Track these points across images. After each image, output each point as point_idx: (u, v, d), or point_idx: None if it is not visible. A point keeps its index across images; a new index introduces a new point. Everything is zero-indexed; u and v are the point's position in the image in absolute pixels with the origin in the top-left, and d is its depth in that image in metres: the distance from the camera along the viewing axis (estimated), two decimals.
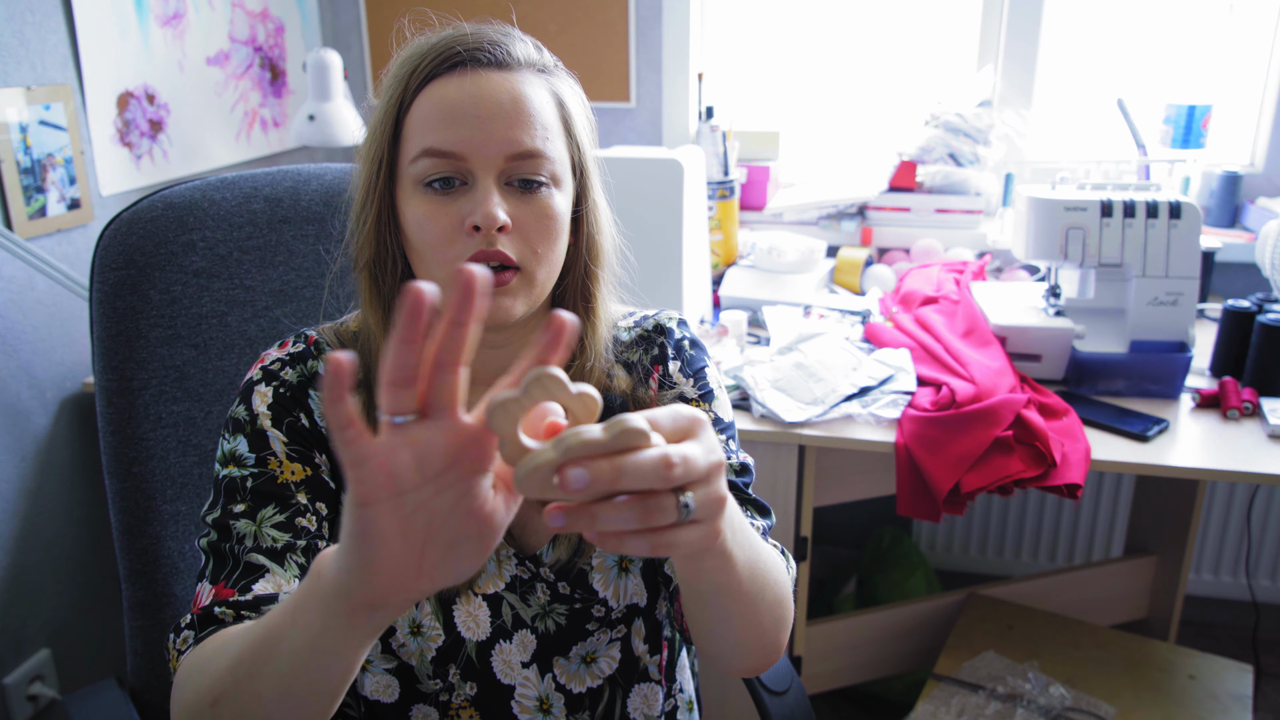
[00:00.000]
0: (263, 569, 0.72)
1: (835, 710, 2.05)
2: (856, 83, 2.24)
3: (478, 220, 0.72)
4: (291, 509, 0.76)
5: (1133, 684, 1.57)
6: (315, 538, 0.76)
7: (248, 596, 0.70)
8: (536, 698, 0.85)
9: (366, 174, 0.77)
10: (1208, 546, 2.20)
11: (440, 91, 0.74)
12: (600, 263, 0.83)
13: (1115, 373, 1.50)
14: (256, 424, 0.79)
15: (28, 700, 1.59)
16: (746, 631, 0.73)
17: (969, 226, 2.04)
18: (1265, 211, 1.92)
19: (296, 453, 0.78)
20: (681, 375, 0.88)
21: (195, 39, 1.88)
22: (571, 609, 0.85)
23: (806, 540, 1.56)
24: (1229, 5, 2.06)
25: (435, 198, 0.74)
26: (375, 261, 0.78)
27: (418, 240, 0.75)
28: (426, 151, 0.73)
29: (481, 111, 0.73)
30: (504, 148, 0.73)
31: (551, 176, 0.76)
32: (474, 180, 0.74)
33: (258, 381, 0.81)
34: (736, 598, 0.67)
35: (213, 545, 0.75)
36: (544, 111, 0.76)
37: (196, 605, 0.72)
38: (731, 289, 1.88)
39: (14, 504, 1.54)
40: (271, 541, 0.74)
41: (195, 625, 0.70)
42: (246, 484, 0.76)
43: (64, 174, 1.59)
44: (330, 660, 0.56)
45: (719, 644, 0.76)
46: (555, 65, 0.80)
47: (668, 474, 0.46)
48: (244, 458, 0.78)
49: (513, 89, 0.74)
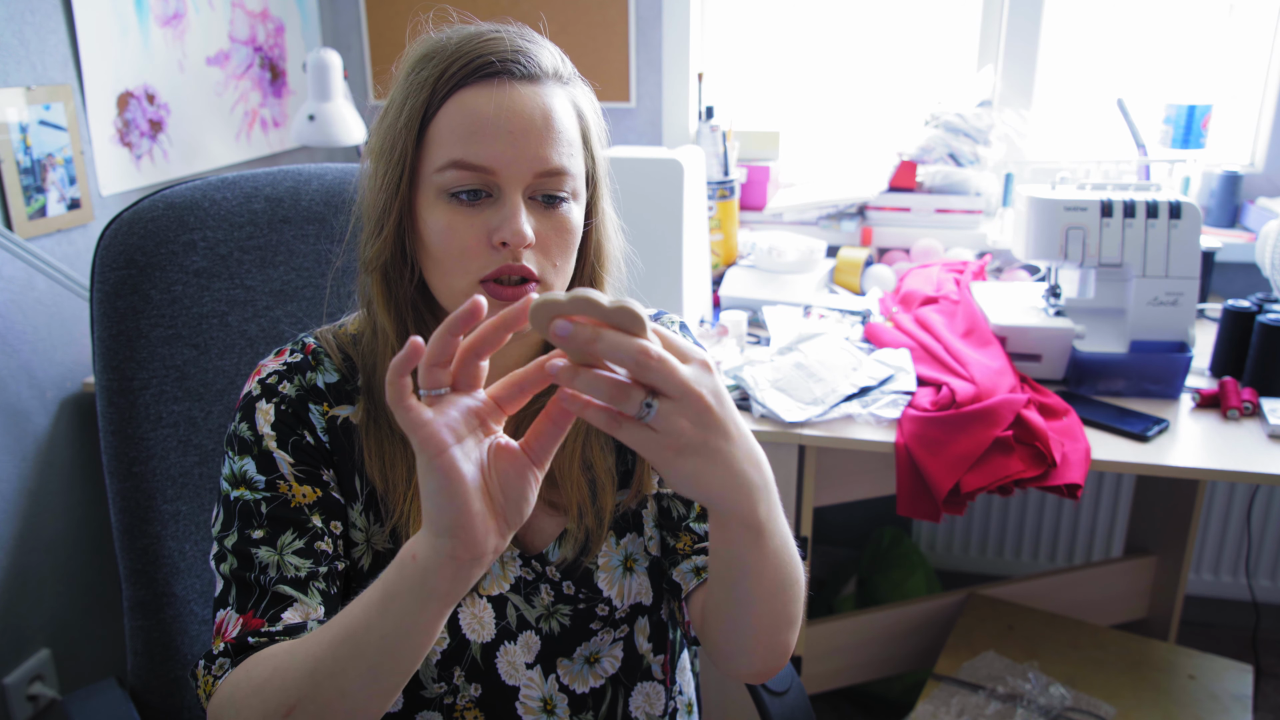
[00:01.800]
0: (290, 599, 0.74)
1: (835, 710, 2.05)
2: (856, 83, 2.24)
3: (506, 237, 0.72)
4: (309, 534, 0.77)
5: (1133, 684, 1.57)
6: (334, 560, 0.78)
7: (278, 626, 0.73)
8: (540, 698, 0.85)
9: (387, 176, 0.76)
10: (1208, 546, 2.20)
11: (472, 102, 0.73)
12: (606, 268, 0.84)
13: (1115, 373, 1.50)
14: (263, 445, 0.78)
15: (28, 700, 1.59)
16: (762, 622, 0.74)
17: (969, 226, 2.04)
18: (1265, 211, 1.92)
19: (304, 473, 0.79)
20: None
21: (195, 39, 1.88)
22: (576, 609, 0.85)
23: (806, 540, 1.56)
24: (1229, 5, 2.06)
25: (460, 208, 0.74)
26: (392, 265, 0.78)
27: (438, 249, 0.75)
28: (456, 163, 0.72)
29: (514, 127, 0.72)
30: (534, 165, 0.73)
31: (572, 192, 0.76)
32: (500, 194, 0.74)
33: (258, 397, 0.80)
34: (759, 581, 0.70)
35: (235, 574, 0.76)
36: (569, 128, 0.76)
37: (225, 634, 0.74)
38: (731, 289, 1.88)
39: (14, 504, 1.54)
40: (295, 571, 0.75)
41: (230, 654, 0.72)
42: (261, 508, 0.77)
43: (64, 174, 1.59)
44: (422, 638, 0.62)
45: (734, 638, 0.77)
46: (573, 73, 0.80)
47: (642, 360, 0.54)
48: (254, 480, 0.78)
49: (543, 104, 0.74)
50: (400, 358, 0.55)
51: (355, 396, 0.82)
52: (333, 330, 0.86)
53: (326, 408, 0.81)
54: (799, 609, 0.77)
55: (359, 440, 0.80)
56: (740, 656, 0.79)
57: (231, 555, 0.76)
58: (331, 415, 0.81)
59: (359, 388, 0.82)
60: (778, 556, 0.70)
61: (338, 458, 0.80)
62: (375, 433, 0.80)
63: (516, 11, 2.21)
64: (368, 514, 0.81)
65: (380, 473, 0.79)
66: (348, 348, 0.84)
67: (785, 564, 0.71)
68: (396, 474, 0.79)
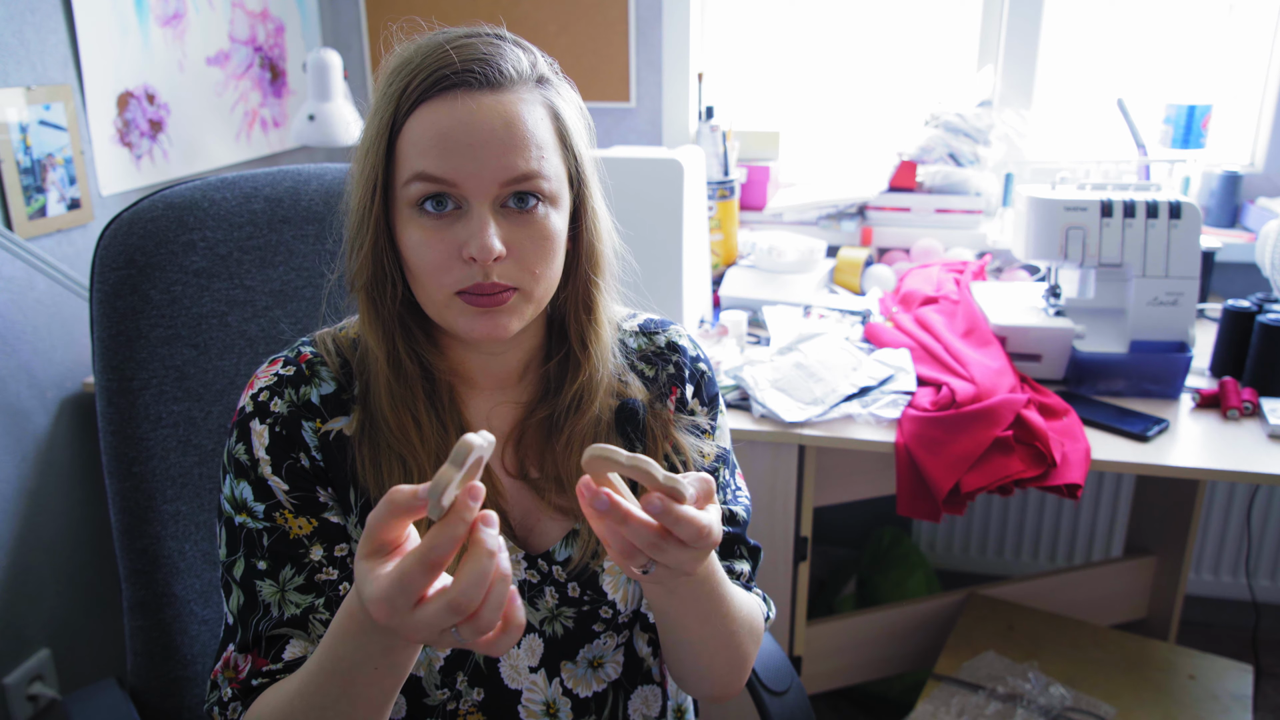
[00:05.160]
0: (289, 637, 0.77)
1: (835, 710, 2.05)
2: (856, 83, 2.24)
3: (474, 252, 0.72)
4: (308, 568, 0.78)
5: (1133, 684, 1.57)
6: (336, 585, 0.79)
7: (279, 665, 0.76)
8: (543, 702, 0.85)
9: (361, 195, 0.76)
10: (1208, 546, 2.20)
11: (431, 116, 0.72)
12: (601, 270, 0.83)
13: (1115, 373, 1.50)
14: (258, 470, 0.78)
15: (28, 700, 1.59)
16: (714, 661, 0.83)
17: (969, 226, 2.04)
18: (1265, 211, 1.92)
19: (301, 500, 0.78)
20: (698, 403, 0.91)
21: (195, 39, 1.88)
22: (580, 612, 0.85)
23: (806, 540, 1.56)
24: (1229, 5, 2.06)
25: (431, 221, 0.73)
26: (373, 283, 0.77)
27: (415, 264, 0.75)
28: (419, 176, 0.72)
29: (474, 139, 0.72)
30: (498, 174, 0.72)
31: (548, 195, 0.75)
32: (468, 206, 0.73)
33: (251, 415, 0.80)
34: (699, 632, 0.79)
35: (242, 614, 0.77)
36: (538, 130, 0.74)
37: (237, 675, 0.76)
38: (731, 289, 1.88)
39: (14, 504, 1.54)
40: (294, 609, 0.77)
41: (240, 696, 0.76)
42: (263, 539, 0.78)
43: (64, 174, 1.59)
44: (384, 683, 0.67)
45: (689, 675, 0.87)
46: (549, 72, 0.78)
47: (701, 541, 0.62)
48: (254, 509, 0.78)
49: (505, 111, 0.73)
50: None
51: (351, 406, 0.81)
52: (332, 334, 0.85)
53: (319, 424, 0.80)
54: (748, 651, 0.85)
55: (353, 452, 0.80)
56: (695, 688, 0.89)
57: (238, 589, 0.77)
58: (324, 431, 0.80)
59: (355, 396, 0.81)
60: (718, 608, 0.78)
61: (333, 474, 0.80)
62: (369, 444, 0.79)
63: (517, 11, 2.21)
64: (363, 525, 0.80)
65: (375, 482, 0.78)
66: (347, 352, 0.83)
67: (727, 616, 0.79)
68: (393, 483, 0.78)
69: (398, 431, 0.78)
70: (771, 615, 0.92)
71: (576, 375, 0.83)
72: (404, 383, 0.79)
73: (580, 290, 0.82)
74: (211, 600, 1.07)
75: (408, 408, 0.78)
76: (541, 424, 0.84)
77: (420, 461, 0.78)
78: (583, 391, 0.83)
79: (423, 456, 0.78)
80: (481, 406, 0.85)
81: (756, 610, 0.88)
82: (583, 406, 0.83)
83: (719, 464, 0.90)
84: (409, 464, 0.78)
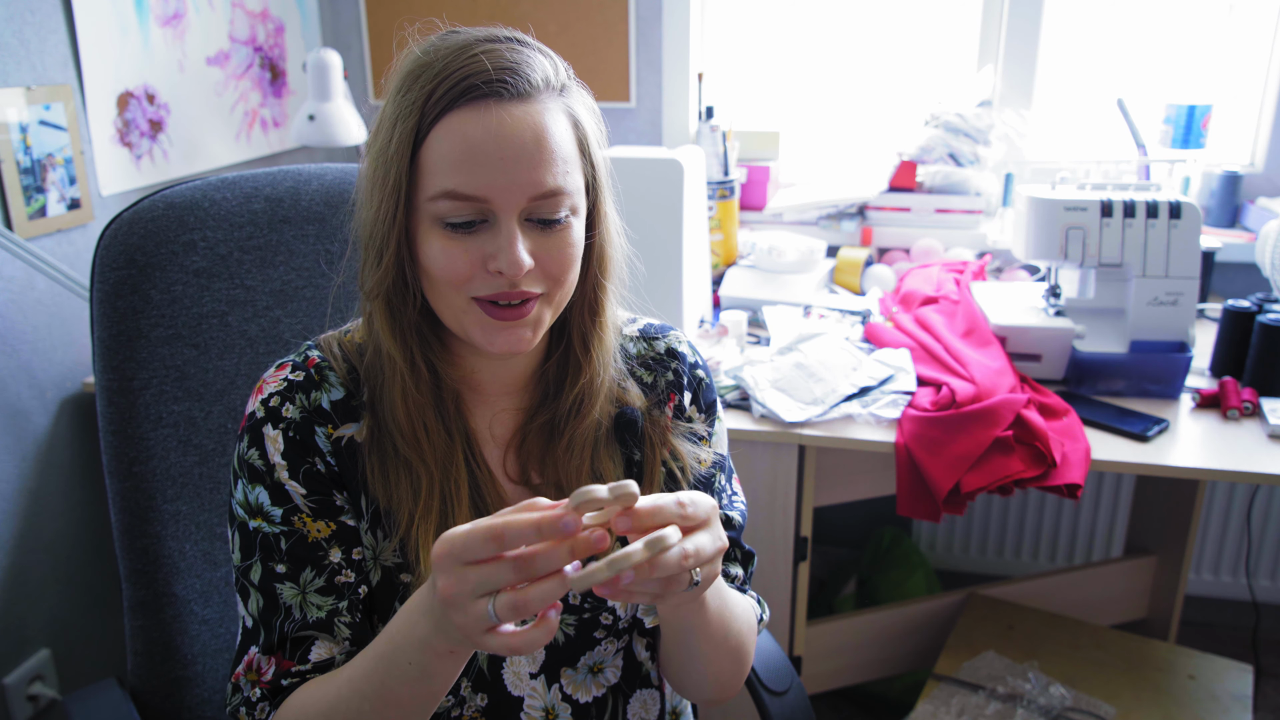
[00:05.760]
0: (314, 638, 0.77)
1: (835, 710, 2.05)
2: (856, 83, 2.24)
3: (503, 267, 0.71)
4: (328, 570, 0.78)
5: (1133, 684, 1.57)
6: (356, 588, 0.79)
7: (307, 665, 0.76)
8: (543, 708, 0.85)
9: (383, 205, 0.73)
10: (1208, 546, 2.20)
11: (460, 128, 0.70)
12: (609, 275, 0.83)
13: (1115, 373, 1.50)
14: (275, 475, 0.78)
15: (28, 700, 1.59)
16: (713, 668, 0.84)
17: (969, 226, 2.04)
18: (1265, 211, 1.92)
19: (318, 504, 0.78)
20: (695, 410, 0.91)
21: (195, 39, 1.88)
22: (580, 618, 0.85)
23: (806, 540, 1.56)
24: (1229, 5, 2.06)
25: (456, 236, 0.72)
26: (394, 292, 0.77)
27: (436, 273, 0.74)
28: (448, 194, 0.71)
29: (505, 153, 0.70)
30: (528, 190, 0.71)
31: (571, 208, 0.75)
32: (496, 220, 0.72)
33: (263, 421, 0.79)
34: (705, 638, 0.81)
35: (263, 616, 0.77)
36: (564, 144, 0.74)
37: (261, 677, 0.76)
38: (731, 289, 1.88)
39: (14, 504, 1.54)
40: (317, 611, 0.77)
41: (268, 697, 0.76)
42: (280, 544, 0.77)
43: (64, 174, 1.59)
44: (434, 687, 0.70)
45: (688, 681, 0.88)
46: (569, 79, 0.77)
47: (684, 564, 0.62)
48: (271, 513, 0.78)
49: (534, 124, 0.71)
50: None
51: (360, 413, 0.81)
52: (338, 339, 0.84)
53: (331, 430, 0.80)
54: (746, 654, 0.87)
55: (363, 459, 0.79)
56: (695, 693, 0.90)
57: (256, 592, 0.77)
58: (336, 437, 0.80)
59: (364, 403, 0.81)
60: (719, 614, 0.80)
61: (346, 479, 0.80)
62: (379, 451, 0.79)
63: (516, 11, 2.21)
64: (374, 531, 0.80)
65: (384, 490, 0.78)
66: (353, 358, 0.82)
67: (726, 619, 0.82)
68: (401, 490, 0.78)
69: (410, 439, 0.78)
70: (765, 617, 0.93)
71: (577, 379, 0.83)
72: (421, 390, 0.79)
73: (588, 294, 0.82)
74: (212, 600, 1.07)
75: (421, 415, 0.78)
76: (542, 429, 0.84)
77: (429, 469, 0.78)
78: (583, 395, 0.83)
79: (431, 464, 0.78)
80: (485, 413, 0.84)
81: (751, 613, 0.90)
82: (583, 410, 0.83)
83: (716, 470, 0.91)
84: (417, 471, 0.78)
